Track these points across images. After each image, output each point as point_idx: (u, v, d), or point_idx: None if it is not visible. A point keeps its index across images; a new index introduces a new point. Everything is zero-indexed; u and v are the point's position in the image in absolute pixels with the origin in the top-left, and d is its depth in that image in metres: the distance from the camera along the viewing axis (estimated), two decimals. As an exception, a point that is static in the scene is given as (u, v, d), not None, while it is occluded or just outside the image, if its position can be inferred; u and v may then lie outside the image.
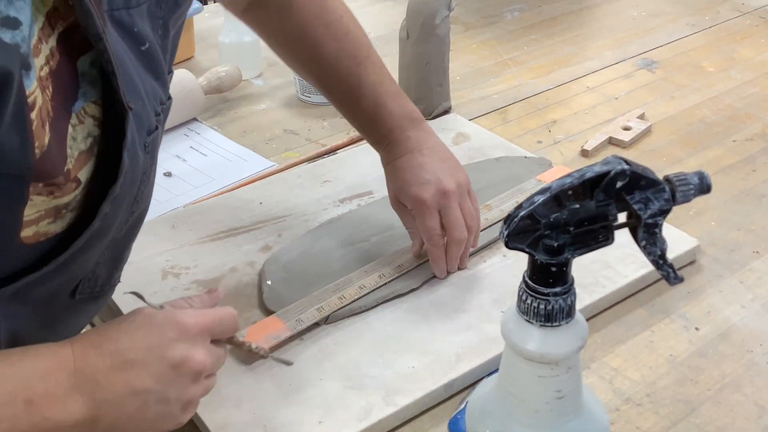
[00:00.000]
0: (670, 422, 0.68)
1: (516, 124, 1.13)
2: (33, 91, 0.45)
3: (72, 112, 0.50)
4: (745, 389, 0.71)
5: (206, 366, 0.55)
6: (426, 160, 0.78)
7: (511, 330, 0.45)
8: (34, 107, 0.45)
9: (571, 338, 0.44)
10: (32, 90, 0.45)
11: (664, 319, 0.79)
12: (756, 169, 1.01)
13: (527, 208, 0.42)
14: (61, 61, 0.49)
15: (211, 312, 0.59)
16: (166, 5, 0.59)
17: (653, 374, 0.72)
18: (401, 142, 0.80)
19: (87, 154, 0.52)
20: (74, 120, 0.50)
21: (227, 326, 0.59)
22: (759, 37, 1.37)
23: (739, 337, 0.76)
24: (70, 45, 0.49)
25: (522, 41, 1.38)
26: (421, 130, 0.81)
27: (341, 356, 0.73)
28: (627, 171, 0.43)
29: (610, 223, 0.44)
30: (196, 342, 0.55)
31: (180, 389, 0.54)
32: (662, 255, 0.45)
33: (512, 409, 0.47)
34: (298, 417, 0.67)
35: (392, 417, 0.68)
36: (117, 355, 0.52)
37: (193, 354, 0.54)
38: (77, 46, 0.50)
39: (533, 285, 0.43)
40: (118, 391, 0.51)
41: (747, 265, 0.85)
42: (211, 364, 0.56)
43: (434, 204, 0.76)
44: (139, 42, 0.55)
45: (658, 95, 1.19)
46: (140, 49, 0.55)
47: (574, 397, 0.46)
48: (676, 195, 0.45)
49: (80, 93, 0.51)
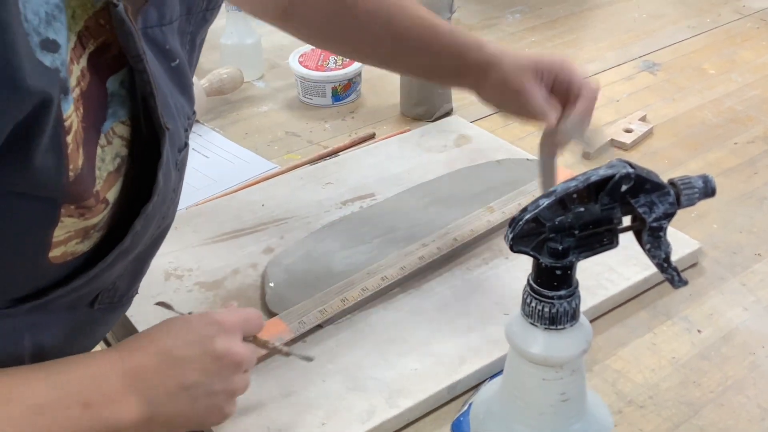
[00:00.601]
0: (672, 424, 0.68)
1: (517, 126, 1.13)
2: (70, 114, 0.45)
3: (101, 133, 0.50)
4: (748, 391, 0.71)
5: (245, 358, 0.59)
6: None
7: (515, 333, 0.45)
8: (71, 131, 0.45)
9: (576, 341, 0.44)
10: (69, 113, 0.45)
11: (667, 322, 0.79)
12: (757, 171, 1.02)
13: (532, 212, 0.42)
14: (91, 81, 0.48)
15: (239, 310, 0.63)
16: (195, 21, 0.59)
17: (656, 376, 0.73)
18: (494, 53, 0.81)
19: (115, 175, 0.52)
20: (103, 141, 0.50)
21: (254, 324, 0.63)
22: (760, 39, 1.37)
23: (742, 339, 0.77)
24: (100, 64, 0.48)
25: (523, 43, 1.38)
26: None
27: (344, 358, 0.73)
28: (632, 174, 0.43)
29: (614, 227, 0.44)
30: (232, 336, 0.58)
31: (224, 381, 0.57)
32: (666, 258, 0.45)
33: (516, 411, 0.47)
34: (301, 418, 0.67)
35: (395, 419, 0.68)
36: (163, 354, 0.55)
37: (232, 346, 0.58)
38: (107, 65, 0.49)
39: (538, 288, 0.43)
40: (168, 388, 0.54)
41: (749, 268, 0.85)
42: (248, 358, 0.60)
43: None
44: (170, 59, 0.55)
45: (659, 97, 1.20)
46: (170, 65, 0.55)
47: (579, 399, 0.46)
48: (681, 198, 0.45)
49: (109, 113, 0.50)
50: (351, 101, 1.18)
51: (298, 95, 1.19)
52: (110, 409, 0.51)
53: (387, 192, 0.95)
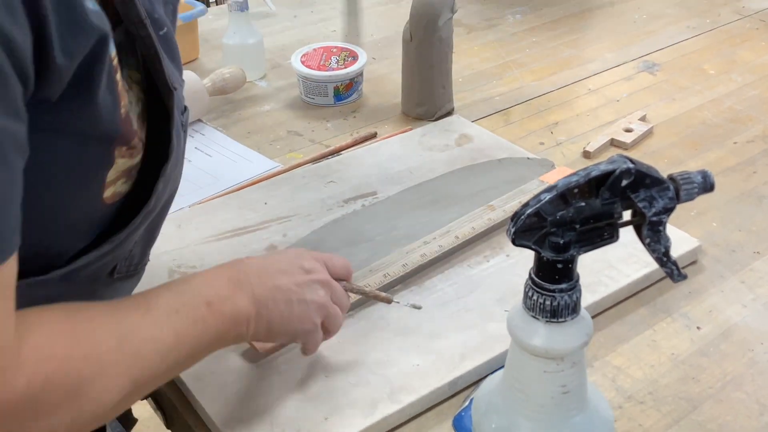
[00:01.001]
0: (672, 420, 0.69)
1: (518, 125, 1.13)
2: (114, 55, 0.49)
3: (122, 78, 0.53)
4: (747, 387, 0.72)
5: (329, 280, 0.67)
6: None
7: (517, 326, 0.46)
8: (117, 70, 0.50)
9: (577, 334, 0.45)
10: (113, 54, 0.49)
11: (666, 319, 0.79)
12: (756, 170, 1.02)
13: (534, 206, 0.43)
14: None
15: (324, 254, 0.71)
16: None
17: (655, 372, 0.73)
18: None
19: (141, 118, 0.56)
20: (125, 85, 0.53)
21: (339, 265, 0.70)
22: (759, 40, 1.38)
23: (741, 336, 0.77)
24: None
25: (524, 44, 1.39)
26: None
27: (347, 354, 0.74)
28: (632, 170, 0.43)
29: (615, 221, 0.44)
30: (319, 263, 0.68)
31: (313, 293, 0.65)
32: (666, 252, 0.46)
33: (518, 403, 0.47)
34: (304, 413, 0.68)
35: (397, 414, 0.68)
36: (260, 265, 0.64)
37: (319, 268, 0.67)
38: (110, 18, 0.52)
39: (539, 281, 0.44)
40: (268, 288, 0.62)
41: (748, 266, 0.86)
42: (336, 287, 0.68)
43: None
44: (158, 27, 0.57)
45: (659, 97, 1.20)
46: (158, 33, 0.57)
47: (579, 392, 0.47)
48: (680, 193, 0.45)
49: (122, 61, 0.53)
50: (353, 101, 1.19)
51: (300, 95, 1.19)
52: (228, 305, 0.59)
53: (389, 190, 0.96)
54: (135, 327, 0.53)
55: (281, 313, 0.63)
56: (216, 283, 0.60)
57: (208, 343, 0.58)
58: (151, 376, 0.53)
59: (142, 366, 0.52)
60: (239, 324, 0.60)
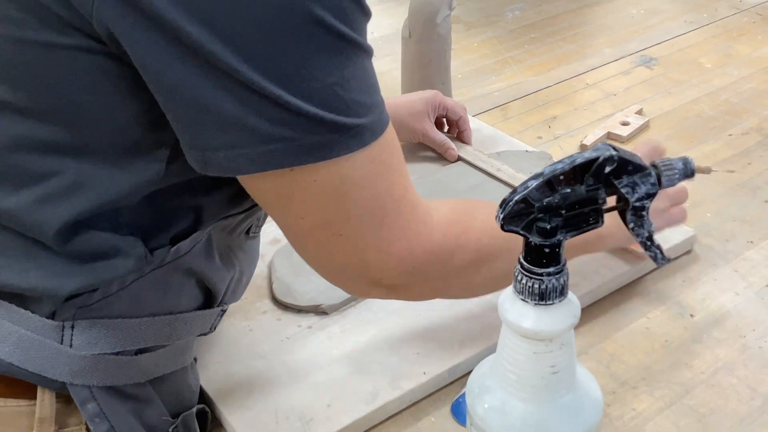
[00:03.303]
0: (664, 404, 0.70)
1: (516, 120, 1.15)
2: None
3: None
4: (738, 372, 0.73)
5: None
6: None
7: (507, 309, 0.48)
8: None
9: (565, 316, 0.47)
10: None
11: (660, 307, 0.81)
12: (751, 162, 1.04)
13: (521, 193, 0.45)
14: None
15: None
16: None
17: (649, 359, 0.75)
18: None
19: None
20: None
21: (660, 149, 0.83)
22: (756, 33, 1.40)
23: (733, 323, 0.79)
24: None
25: (522, 40, 1.41)
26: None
27: (348, 343, 0.76)
28: (615, 156, 0.45)
29: (599, 206, 0.46)
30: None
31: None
32: (650, 236, 0.48)
33: (509, 384, 0.49)
34: (307, 400, 0.70)
35: (398, 400, 0.70)
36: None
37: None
38: None
39: (528, 266, 0.46)
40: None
41: (741, 255, 0.88)
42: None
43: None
44: None
45: (655, 91, 1.22)
46: None
47: (568, 372, 0.49)
48: (662, 179, 0.47)
49: None
50: (354, 98, 1.20)
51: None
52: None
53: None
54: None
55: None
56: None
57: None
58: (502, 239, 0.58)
59: (492, 233, 0.59)
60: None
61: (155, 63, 0.46)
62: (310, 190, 0.52)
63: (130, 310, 0.58)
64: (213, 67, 0.46)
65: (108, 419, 0.57)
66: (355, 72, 0.50)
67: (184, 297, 0.62)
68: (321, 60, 0.48)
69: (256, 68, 0.46)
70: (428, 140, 1.02)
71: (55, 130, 0.51)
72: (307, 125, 0.48)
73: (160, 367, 0.62)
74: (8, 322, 0.55)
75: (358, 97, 0.50)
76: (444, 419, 0.70)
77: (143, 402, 0.60)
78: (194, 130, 0.49)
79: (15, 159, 0.52)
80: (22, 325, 0.55)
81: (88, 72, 0.49)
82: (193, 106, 0.47)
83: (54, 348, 0.55)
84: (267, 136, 0.48)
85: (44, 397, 0.56)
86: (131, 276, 0.56)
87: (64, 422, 0.57)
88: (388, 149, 0.55)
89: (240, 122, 0.47)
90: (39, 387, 0.56)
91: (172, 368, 0.64)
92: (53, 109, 0.51)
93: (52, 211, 0.52)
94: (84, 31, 0.48)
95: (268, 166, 0.50)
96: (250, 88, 0.47)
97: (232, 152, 0.49)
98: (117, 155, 0.52)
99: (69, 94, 0.50)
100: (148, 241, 0.56)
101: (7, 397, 0.55)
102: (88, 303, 0.56)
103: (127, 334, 0.58)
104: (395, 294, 0.62)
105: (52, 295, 0.54)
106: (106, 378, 0.57)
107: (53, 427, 0.56)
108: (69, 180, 0.52)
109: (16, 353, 0.54)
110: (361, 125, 0.51)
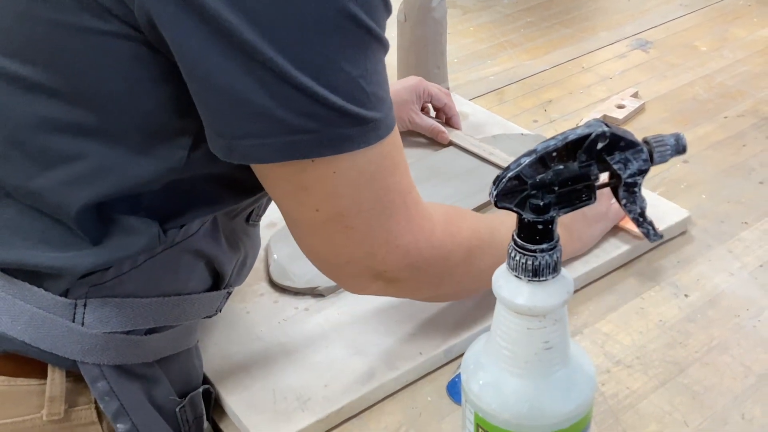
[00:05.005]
0: (659, 382, 0.71)
1: (512, 104, 1.15)
2: None
3: None
4: (732, 351, 0.74)
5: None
6: None
7: (501, 286, 0.48)
8: None
9: (558, 292, 0.47)
10: None
11: (655, 287, 0.82)
12: (746, 144, 1.04)
13: (514, 170, 0.45)
14: None
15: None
16: None
17: (643, 338, 0.76)
18: None
19: None
20: None
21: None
22: (751, 16, 1.40)
23: (727, 302, 0.79)
24: None
25: (518, 24, 1.40)
26: None
27: (346, 325, 0.76)
28: (607, 133, 0.45)
29: (592, 183, 0.46)
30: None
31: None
32: (642, 213, 0.48)
33: (503, 360, 0.50)
34: (305, 381, 0.70)
35: (394, 381, 0.71)
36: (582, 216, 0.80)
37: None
38: None
39: (521, 242, 0.46)
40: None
41: (735, 236, 0.88)
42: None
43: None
44: None
45: (651, 74, 1.22)
46: None
47: (562, 348, 0.49)
48: (654, 155, 0.48)
49: None
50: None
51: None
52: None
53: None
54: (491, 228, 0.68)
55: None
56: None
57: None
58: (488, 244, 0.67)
59: (480, 235, 0.66)
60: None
61: (192, 50, 0.48)
62: (327, 181, 0.53)
63: (142, 289, 0.59)
64: (247, 56, 0.47)
65: (118, 398, 0.58)
66: (377, 66, 0.52)
67: (193, 278, 0.63)
68: (350, 53, 0.49)
69: (289, 58, 0.47)
70: (417, 127, 1.03)
71: (83, 113, 0.52)
72: (332, 117, 0.50)
73: (168, 348, 0.63)
74: (21, 301, 0.56)
75: (377, 90, 0.52)
76: (440, 398, 0.70)
77: (152, 381, 0.61)
78: (222, 118, 0.50)
79: (42, 140, 0.53)
80: (35, 303, 0.56)
81: (121, 58, 0.50)
82: (224, 94, 0.49)
83: (66, 326, 0.56)
84: (294, 126, 0.49)
85: (54, 376, 0.57)
86: (143, 255, 0.57)
87: (74, 401, 0.58)
88: (397, 145, 0.56)
89: (268, 112, 0.49)
90: (50, 366, 0.57)
91: (179, 349, 0.65)
92: (83, 92, 0.52)
93: (77, 193, 0.54)
94: (121, 18, 0.49)
95: (292, 156, 0.51)
96: (282, 78, 0.48)
97: (258, 141, 0.50)
98: (141, 141, 0.54)
99: (100, 78, 0.51)
100: (164, 223, 0.58)
101: (18, 377, 0.56)
102: (101, 281, 0.57)
103: (138, 313, 0.59)
104: (394, 288, 0.63)
105: (68, 273, 0.55)
106: (116, 357, 0.58)
107: (63, 405, 0.57)
108: (94, 163, 0.53)
109: (28, 331, 0.55)
110: (379, 119, 0.52)
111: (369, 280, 0.61)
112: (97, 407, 0.58)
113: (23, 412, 0.56)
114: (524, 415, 0.50)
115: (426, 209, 0.61)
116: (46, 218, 0.55)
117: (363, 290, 0.63)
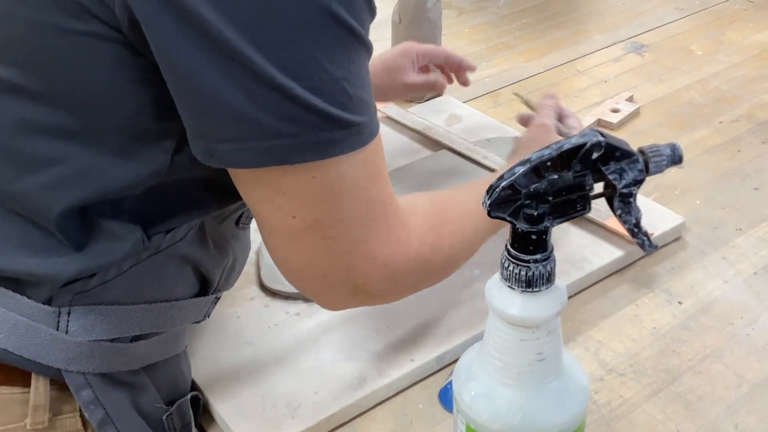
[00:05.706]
0: (652, 391, 0.70)
1: (507, 107, 1.15)
2: None
3: None
4: (726, 359, 0.73)
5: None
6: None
7: (494, 296, 0.47)
8: None
9: (551, 303, 0.46)
10: None
11: (648, 294, 0.81)
12: (741, 149, 1.04)
13: (508, 179, 0.44)
14: None
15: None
16: None
17: (636, 346, 0.75)
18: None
19: None
20: None
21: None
22: (747, 21, 1.39)
23: (721, 310, 0.79)
24: None
25: (513, 26, 1.40)
26: None
27: (337, 330, 0.76)
28: (602, 143, 0.45)
29: (586, 193, 0.46)
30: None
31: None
32: (637, 223, 0.48)
33: (496, 371, 0.49)
34: (295, 387, 0.70)
35: (385, 388, 0.70)
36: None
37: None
38: None
39: (515, 253, 0.46)
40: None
41: (730, 242, 0.88)
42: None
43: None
44: None
45: (646, 78, 1.22)
46: None
47: (555, 359, 0.49)
48: (650, 166, 0.47)
49: None
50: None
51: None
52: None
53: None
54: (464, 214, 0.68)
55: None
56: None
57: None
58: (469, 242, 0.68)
59: (463, 236, 0.67)
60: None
61: (171, 49, 0.47)
62: (306, 187, 0.51)
63: (127, 296, 0.58)
64: (227, 57, 0.46)
65: (103, 406, 0.57)
66: (359, 69, 0.51)
67: (179, 285, 0.62)
68: (332, 53, 0.48)
69: (269, 58, 0.46)
70: (413, 88, 0.98)
71: (64, 116, 0.51)
72: (314, 120, 0.48)
73: (154, 355, 0.62)
74: (3, 309, 0.55)
75: (361, 93, 0.51)
76: (432, 406, 0.70)
77: (138, 389, 0.60)
78: (202, 120, 0.49)
79: (22, 142, 0.52)
80: (17, 311, 0.55)
81: (102, 59, 0.49)
82: (203, 95, 0.47)
83: (49, 334, 0.55)
84: (274, 130, 0.48)
85: (38, 385, 0.56)
86: (128, 262, 0.56)
87: (59, 409, 0.57)
88: (380, 153, 0.55)
89: (248, 115, 0.47)
90: (33, 374, 0.56)
91: (166, 355, 0.64)
92: (63, 94, 0.51)
93: (58, 197, 0.52)
94: (102, 18, 0.48)
95: (273, 161, 0.49)
96: (261, 79, 0.46)
97: (238, 145, 0.49)
98: (124, 144, 0.52)
99: (80, 80, 0.50)
100: (147, 228, 0.56)
101: (1, 385, 0.55)
102: (85, 289, 0.56)
103: (123, 320, 0.58)
104: (372, 302, 0.61)
105: (51, 280, 0.54)
106: (101, 365, 0.57)
107: (47, 414, 0.56)
108: (76, 167, 0.52)
109: (11, 339, 0.54)
110: (362, 123, 0.51)
111: (348, 294, 0.58)
112: (82, 416, 0.57)
113: (6, 420, 0.55)
114: (516, 426, 0.49)
115: (405, 218, 0.59)
116: (28, 223, 0.54)
117: (340, 305, 0.61)
